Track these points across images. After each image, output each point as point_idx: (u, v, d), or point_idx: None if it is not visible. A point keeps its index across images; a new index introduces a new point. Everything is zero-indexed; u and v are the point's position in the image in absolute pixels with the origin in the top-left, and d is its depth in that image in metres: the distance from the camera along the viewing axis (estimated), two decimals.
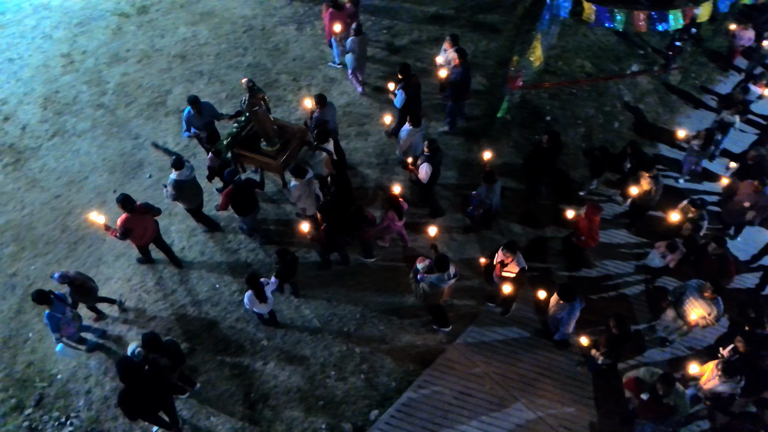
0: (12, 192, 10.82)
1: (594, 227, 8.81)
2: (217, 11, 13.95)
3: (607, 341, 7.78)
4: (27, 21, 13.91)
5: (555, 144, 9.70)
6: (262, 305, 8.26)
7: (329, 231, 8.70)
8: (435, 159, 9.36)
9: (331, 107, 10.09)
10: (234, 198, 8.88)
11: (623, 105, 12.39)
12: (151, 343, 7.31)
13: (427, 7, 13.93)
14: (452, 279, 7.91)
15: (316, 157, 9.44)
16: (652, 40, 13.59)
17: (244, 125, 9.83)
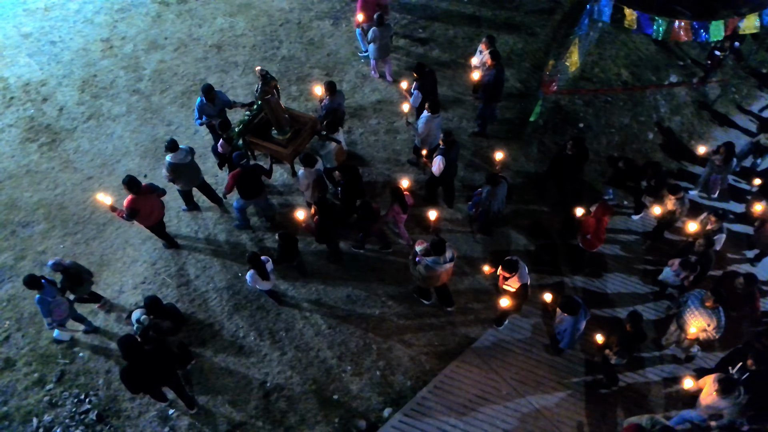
0: (46, 171, 11.05)
1: (601, 227, 8.71)
2: (255, 3, 14.06)
3: (620, 340, 7.73)
4: (70, 5, 14.20)
5: (580, 151, 9.53)
6: (264, 282, 8.49)
7: (321, 224, 8.71)
8: (451, 153, 9.23)
9: (341, 95, 10.23)
10: (240, 181, 9.05)
11: (659, 116, 12.14)
12: (153, 306, 7.65)
13: (464, 8, 13.82)
14: (448, 263, 7.95)
15: (326, 147, 9.53)
16: (692, 51, 13.30)
17: (256, 113, 9.99)
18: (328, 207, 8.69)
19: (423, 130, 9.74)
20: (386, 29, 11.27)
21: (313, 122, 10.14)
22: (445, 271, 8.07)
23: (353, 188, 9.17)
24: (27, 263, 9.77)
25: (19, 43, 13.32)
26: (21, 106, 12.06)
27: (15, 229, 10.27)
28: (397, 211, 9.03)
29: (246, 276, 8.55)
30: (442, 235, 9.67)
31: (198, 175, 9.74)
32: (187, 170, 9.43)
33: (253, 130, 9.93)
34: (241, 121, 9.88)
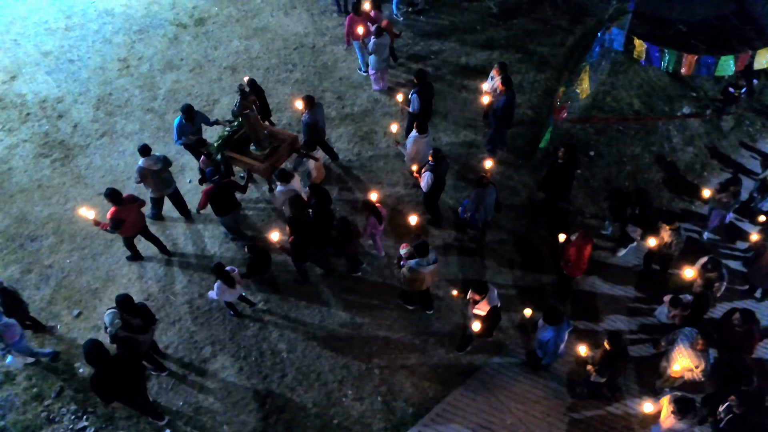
0: (57, 186, 11.14)
1: (582, 256, 8.55)
2: (271, 27, 14.27)
3: (602, 358, 7.61)
4: (90, 25, 14.50)
5: (571, 158, 9.45)
6: (232, 291, 8.49)
7: (296, 243, 8.65)
8: (439, 169, 9.30)
9: (320, 107, 10.35)
10: (213, 197, 9.12)
11: (671, 147, 12.03)
12: (124, 304, 7.53)
13: (477, 35, 13.93)
14: (432, 264, 7.99)
15: (303, 164, 9.59)
16: (705, 84, 13.24)
17: (237, 129, 10.11)
18: (302, 226, 8.67)
19: (411, 150, 9.85)
20: (385, 40, 11.50)
21: (292, 139, 10.24)
22: (430, 272, 8.10)
23: (323, 209, 9.15)
24: (33, 277, 9.78)
25: (39, 61, 13.58)
26: (37, 122, 12.23)
27: (23, 242, 10.31)
28: (373, 224, 9.06)
29: (212, 290, 8.52)
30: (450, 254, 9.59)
31: (169, 185, 9.90)
32: (156, 177, 9.56)
33: (233, 145, 10.06)
34: (220, 136, 10.03)
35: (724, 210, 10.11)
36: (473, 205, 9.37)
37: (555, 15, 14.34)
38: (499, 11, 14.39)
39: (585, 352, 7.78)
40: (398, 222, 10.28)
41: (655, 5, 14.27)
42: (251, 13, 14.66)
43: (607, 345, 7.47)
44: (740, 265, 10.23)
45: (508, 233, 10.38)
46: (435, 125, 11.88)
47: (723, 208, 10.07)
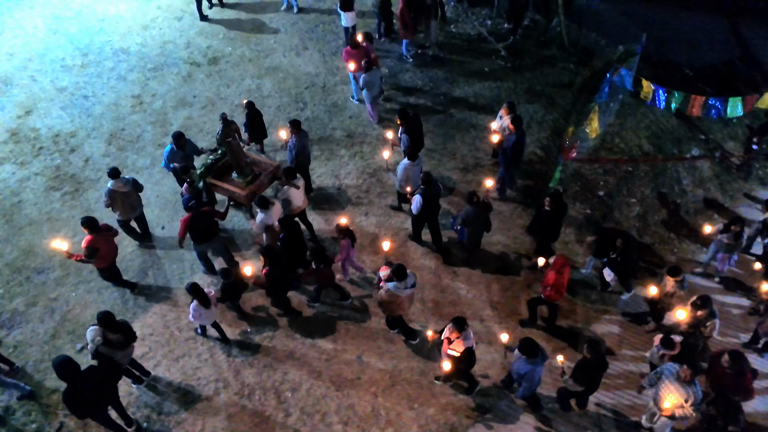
0: (66, 219, 11.17)
1: (561, 281, 8.47)
2: (283, 67, 14.51)
3: (579, 366, 7.56)
4: (106, 63, 14.80)
5: (558, 206, 9.41)
6: (208, 313, 8.51)
7: (271, 274, 8.59)
8: (428, 192, 9.47)
9: (305, 134, 10.60)
10: (192, 225, 9.16)
11: (681, 189, 11.98)
12: (105, 321, 7.65)
13: (486, 76, 14.11)
14: (410, 288, 8.08)
15: (284, 192, 9.68)
16: (713, 126, 13.28)
17: (220, 157, 10.34)
18: (277, 257, 8.64)
19: (401, 176, 10.05)
20: (375, 74, 11.86)
21: (274, 167, 10.44)
22: (407, 296, 8.16)
23: (293, 241, 9.18)
24: (38, 309, 9.72)
25: (54, 97, 13.82)
26: (49, 156, 12.36)
27: (30, 275, 10.28)
28: (347, 246, 9.17)
29: (190, 311, 8.54)
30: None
31: (135, 209, 10.10)
32: (125, 199, 9.76)
33: (216, 173, 10.27)
34: (203, 164, 10.21)
35: (728, 252, 9.90)
36: (461, 220, 9.57)
37: (562, 57, 14.52)
38: (507, 53, 14.61)
39: (561, 361, 7.74)
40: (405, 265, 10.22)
41: (662, 49, 14.45)
42: (264, 53, 14.94)
43: (586, 353, 7.45)
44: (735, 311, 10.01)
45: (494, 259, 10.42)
46: (444, 164, 11.94)
47: (726, 251, 9.86)
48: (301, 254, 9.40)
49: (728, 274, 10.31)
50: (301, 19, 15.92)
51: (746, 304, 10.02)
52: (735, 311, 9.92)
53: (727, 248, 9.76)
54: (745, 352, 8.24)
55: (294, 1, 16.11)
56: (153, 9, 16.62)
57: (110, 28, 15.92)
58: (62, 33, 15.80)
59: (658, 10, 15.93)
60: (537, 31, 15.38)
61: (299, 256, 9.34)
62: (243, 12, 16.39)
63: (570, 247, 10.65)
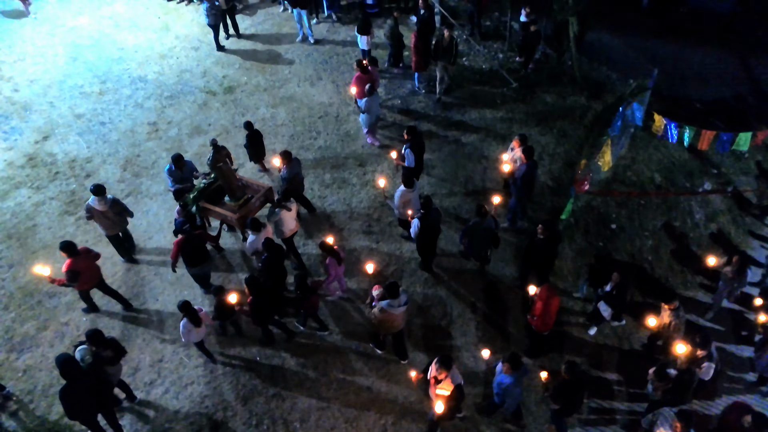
0: (80, 243, 11.11)
1: (548, 311, 8.47)
2: (297, 96, 14.72)
3: (558, 386, 7.66)
4: (123, 90, 15.07)
5: (552, 234, 9.36)
6: (197, 331, 8.59)
7: (255, 303, 8.59)
8: (427, 217, 9.53)
9: (297, 162, 10.81)
10: (184, 248, 9.29)
11: (694, 223, 11.92)
12: (94, 338, 7.88)
13: (498, 108, 14.23)
14: (402, 306, 8.16)
15: (276, 215, 9.79)
16: (726, 160, 13.27)
17: (213, 181, 10.47)
18: (260, 286, 8.65)
19: (399, 203, 10.12)
20: (375, 98, 12.20)
21: (266, 190, 10.58)
22: (400, 314, 8.24)
23: (274, 266, 9.19)
24: (48, 334, 9.72)
25: (71, 123, 14.06)
26: (65, 181, 12.51)
27: (42, 299, 10.32)
28: (332, 264, 9.20)
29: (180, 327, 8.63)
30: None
31: (118, 226, 10.36)
32: (102, 216, 10.01)
33: (209, 196, 10.40)
34: (197, 188, 10.33)
35: (728, 286, 9.74)
36: (469, 233, 9.65)
37: (574, 90, 14.64)
38: (519, 86, 14.76)
39: (545, 378, 7.79)
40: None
41: (673, 83, 14.56)
42: (279, 83, 15.17)
43: (564, 374, 7.54)
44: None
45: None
46: (455, 193, 11.96)
47: (728, 284, 9.71)
48: (281, 279, 9.40)
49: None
50: (316, 51, 16.20)
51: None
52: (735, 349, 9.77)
53: (730, 282, 9.63)
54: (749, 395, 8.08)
55: (309, 33, 16.41)
56: (171, 38, 16.99)
57: (129, 57, 16.27)
58: (82, 61, 16.15)
59: (668, 45, 16.15)
60: (548, 64, 15.55)
61: (280, 280, 9.34)
62: (259, 43, 16.71)
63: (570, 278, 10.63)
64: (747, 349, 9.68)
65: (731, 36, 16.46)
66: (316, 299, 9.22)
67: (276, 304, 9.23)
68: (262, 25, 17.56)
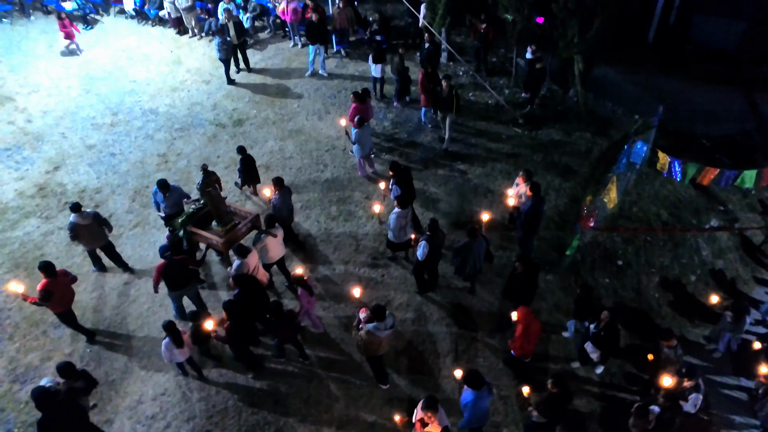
0: (86, 274, 11.30)
1: (527, 334, 8.43)
2: (305, 130, 14.90)
3: (545, 399, 7.67)
4: (135, 122, 15.33)
5: (530, 268, 9.32)
6: (179, 351, 8.76)
7: (233, 329, 8.60)
8: (435, 239, 9.74)
9: (288, 191, 11.03)
10: (166, 273, 9.45)
11: (701, 260, 11.87)
12: (65, 370, 7.98)
13: (503, 143, 14.34)
14: (389, 329, 8.24)
15: (261, 240, 9.93)
16: (732, 197, 13.26)
17: (201, 207, 10.66)
18: (238, 312, 8.67)
19: (395, 225, 10.30)
20: (366, 129, 12.45)
21: (254, 216, 10.76)
22: (386, 337, 8.31)
23: (249, 298, 9.22)
24: (52, 365, 9.68)
25: (83, 153, 14.27)
26: None
27: (47, 329, 10.33)
28: (305, 295, 9.30)
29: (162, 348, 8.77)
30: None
31: (100, 239, 10.76)
32: (87, 231, 10.43)
33: (197, 221, 10.54)
34: (186, 212, 10.59)
35: (727, 333, 9.59)
36: (464, 253, 9.79)
37: (580, 127, 14.76)
38: (524, 121, 14.90)
39: (527, 393, 7.86)
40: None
41: (678, 120, 14.66)
42: (287, 116, 15.39)
43: (551, 387, 7.58)
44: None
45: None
46: (460, 226, 11.96)
47: (727, 330, 9.55)
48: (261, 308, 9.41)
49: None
50: (324, 85, 16.46)
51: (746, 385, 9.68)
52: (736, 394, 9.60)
53: (729, 328, 9.50)
54: None
55: (323, 67, 16.69)
56: (183, 72, 17.33)
57: (141, 89, 16.59)
58: (94, 93, 16.48)
59: (674, 82, 16.30)
60: (554, 100, 15.73)
61: (258, 310, 9.35)
62: (269, 77, 17.01)
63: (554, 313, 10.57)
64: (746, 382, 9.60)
65: (737, 73, 16.60)
66: (292, 327, 9.20)
67: (252, 332, 9.32)
68: (272, 60, 17.91)
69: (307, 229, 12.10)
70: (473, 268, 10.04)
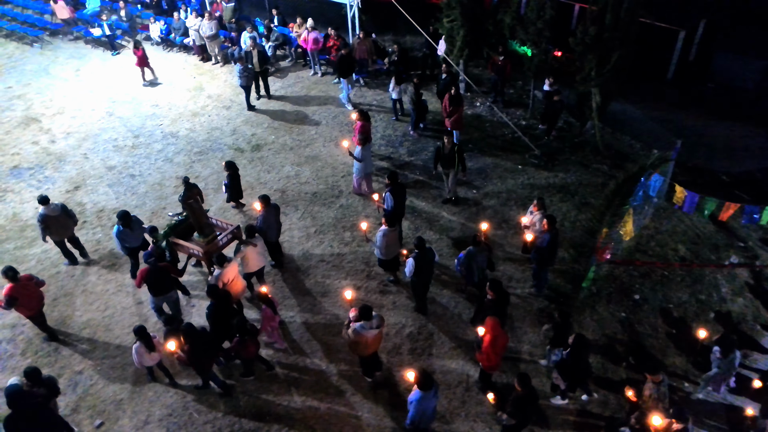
0: (100, 293, 11.37)
1: (494, 346, 8.40)
2: (321, 156, 15.03)
3: (512, 400, 7.84)
4: (155, 145, 15.60)
5: (500, 295, 9.14)
6: (149, 356, 8.99)
7: (192, 351, 8.59)
8: (421, 256, 9.82)
9: (275, 209, 11.27)
10: (148, 278, 9.79)
11: (720, 297, 11.63)
12: (32, 375, 8.10)
13: (519, 174, 14.33)
14: (375, 329, 8.49)
15: (241, 251, 10.29)
16: (753, 234, 13.06)
17: (183, 220, 11.04)
18: (196, 334, 8.68)
19: (381, 243, 10.46)
20: (369, 148, 13.02)
21: (235, 229, 11.16)
22: (373, 336, 8.53)
23: (219, 313, 9.27)
24: (62, 382, 9.66)
25: (103, 174, 14.51)
26: (91, 230, 12.80)
27: (59, 346, 10.37)
28: (268, 313, 9.53)
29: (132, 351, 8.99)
30: None
31: (68, 229, 11.50)
32: (56, 222, 11.16)
33: (179, 233, 10.90)
34: (168, 224, 11.06)
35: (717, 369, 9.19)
36: (465, 262, 10.02)
37: (596, 159, 14.72)
38: (540, 153, 14.89)
39: (492, 399, 8.38)
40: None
41: (697, 155, 14.56)
42: (305, 143, 15.56)
43: (517, 387, 7.71)
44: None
45: None
46: None
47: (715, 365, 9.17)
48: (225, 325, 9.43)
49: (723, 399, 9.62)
50: (342, 113, 16.66)
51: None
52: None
53: (718, 364, 9.12)
54: None
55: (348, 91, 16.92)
56: (204, 98, 17.67)
57: (162, 113, 16.93)
58: (117, 116, 16.86)
59: (693, 118, 16.25)
60: (571, 133, 15.73)
61: (226, 327, 9.36)
62: (288, 104, 17.27)
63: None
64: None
65: (757, 111, 16.51)
66: (255, 344, 9.22)
67: (213, 353, 9.32)
68: (292, 88, 18.20)
69: (320, 254, 12.10)
70: (479, 276, 10.21)
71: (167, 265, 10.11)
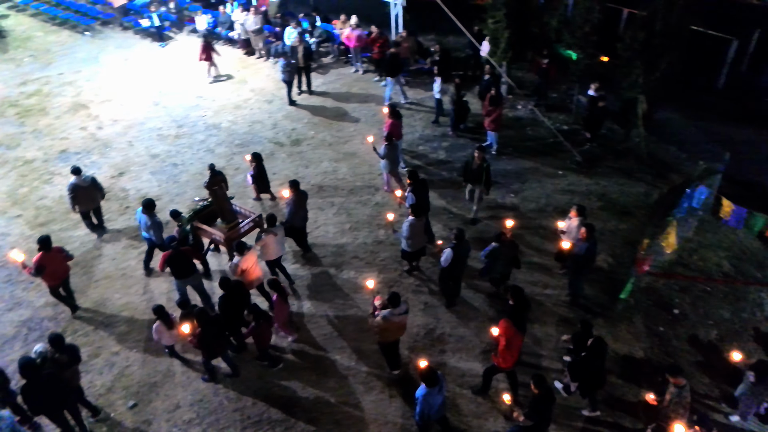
0: (139, 277, 11.65)
1: (511, 346, 8.45)
2: (359, 153, 15.07)
3: (531, 401, 7.79)
4: (197, 135, 15.89)
5: (520, 300, 8.95)
6: (170, 334, 9.27)
7: (203, 336, 8.69)
8: (460, 248, 10.00)
9: (304, 195, 11.56)
10: (170, 262, 10.01)
11: (764, 316, 11.23)
12: (55, 341, 8.49)
13: (559, 179, 14.10)
14: (403, 314, 8.79)
15: (261, 239, 10.49)
16: None
17: (207, 205, 11.40)
18: (209, 319, 8.82)
19: (407, 233, 10.60)
20: (393, 146, 12.89)
21: (257, 217, 11.42)
22: (400, 321, 8.82)
23: (230, 304, 9.39)
24: (99, 361, 9.99)
25: (147, 162, 14.86)
26: (133, 216, 13.07)
27: (97, 326, 10.65)
28: (279, 302, 9.60)
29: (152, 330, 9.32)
30: None
31: (95, 200, 12.15)
32: (86, 192, 11.80)
33: (203, 218, 11.25)
34: (192, 209, 11.36)
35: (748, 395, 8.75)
36: (492, 256, 10.16)
37: (640, 168, 14.38)
38: (582, 159, 14.62)
39: (508, 400, 8.28)
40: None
41: (746, 168, 14.07)
42: (343, 139, 15.63)
43: (534, 388, 7.66)
44: None
45: None
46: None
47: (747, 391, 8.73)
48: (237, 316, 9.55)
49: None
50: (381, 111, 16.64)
51: None
52: None
53: (751, 389, 8.69)
54: None
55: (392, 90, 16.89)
56: (247, 91, 17.92)
57: (206, 105, 17.23)
58: (162, 106, 17.23)
59: (744, 130, 15.71)
60: (614, 140, 15.41)
61: (240, 316, 9.48)
62: (329, 100, 17.38)
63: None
64: None
65: None
66: (269, 330, 9.37)
67: (225, 340, 9.47)
68: (333, 84, 18.31)
69: (353, 251, 12.14)
70: (501, 273, 10.36)
71: (189, 249, 10.40)
